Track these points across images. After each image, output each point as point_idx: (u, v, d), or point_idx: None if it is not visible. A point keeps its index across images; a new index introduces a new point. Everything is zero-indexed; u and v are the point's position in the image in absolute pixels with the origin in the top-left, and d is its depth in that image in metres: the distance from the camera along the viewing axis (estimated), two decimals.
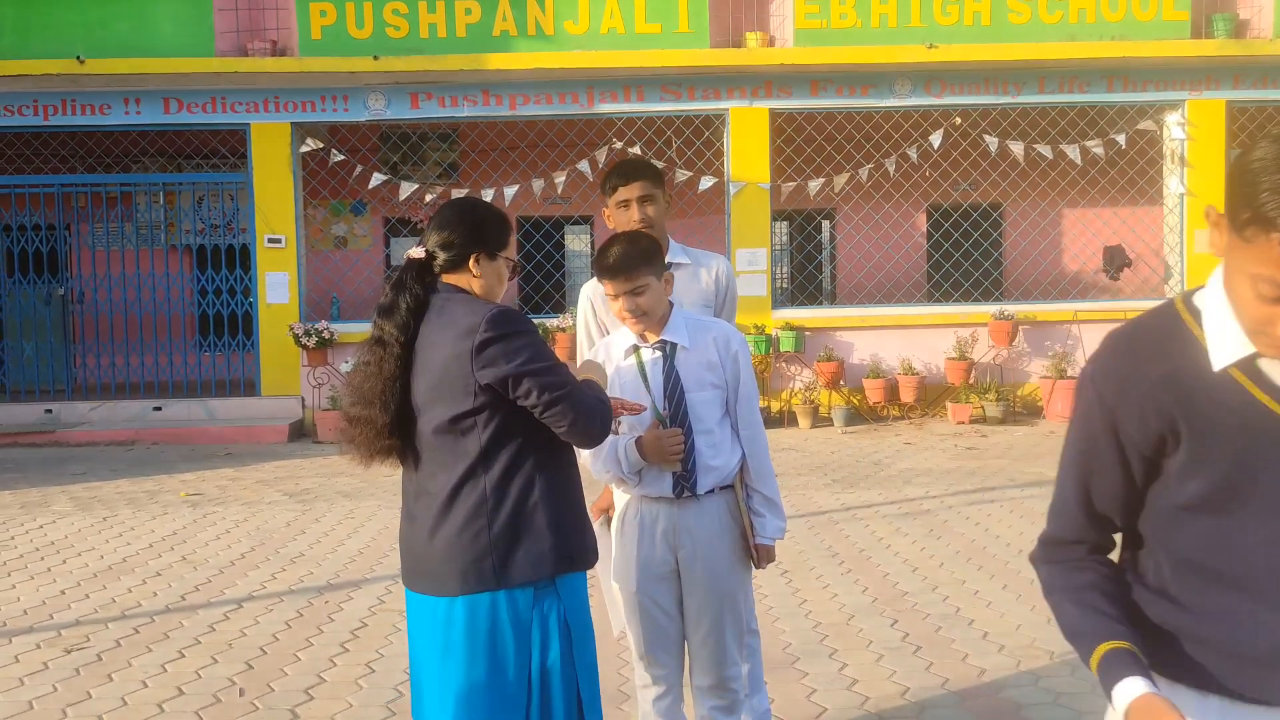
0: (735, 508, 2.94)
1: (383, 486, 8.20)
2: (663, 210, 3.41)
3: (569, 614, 2.47)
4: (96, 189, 11.84)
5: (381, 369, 2.43)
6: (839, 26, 11.01)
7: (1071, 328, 11.52)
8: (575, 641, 2.47)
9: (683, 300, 3.43)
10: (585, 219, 13.85)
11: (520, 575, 2.40)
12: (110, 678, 4.33)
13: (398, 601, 5.29)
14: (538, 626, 2.42)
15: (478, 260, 2.53)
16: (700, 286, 3.48)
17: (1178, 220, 11.72)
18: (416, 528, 2.49)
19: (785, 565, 5.79)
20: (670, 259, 3.42)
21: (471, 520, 2.39)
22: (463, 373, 2.38)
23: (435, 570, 2.43)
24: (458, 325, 2.41)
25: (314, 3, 10.86)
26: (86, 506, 7.74)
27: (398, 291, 2.47)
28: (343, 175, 11.90)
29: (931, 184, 12.83)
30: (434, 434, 2.44)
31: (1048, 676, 4.14)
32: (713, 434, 2.88)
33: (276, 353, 11.30)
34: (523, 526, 2.41)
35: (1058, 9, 11.09)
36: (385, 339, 2.45)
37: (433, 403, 2.43)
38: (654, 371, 2.88)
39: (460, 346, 2.38)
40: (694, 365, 2.88)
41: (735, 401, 2.94)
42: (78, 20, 10.83)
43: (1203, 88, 11.42)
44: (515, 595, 2.40)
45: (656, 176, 3.43)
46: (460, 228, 2.53)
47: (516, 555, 2.39)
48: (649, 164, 3.58)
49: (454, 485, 2.41)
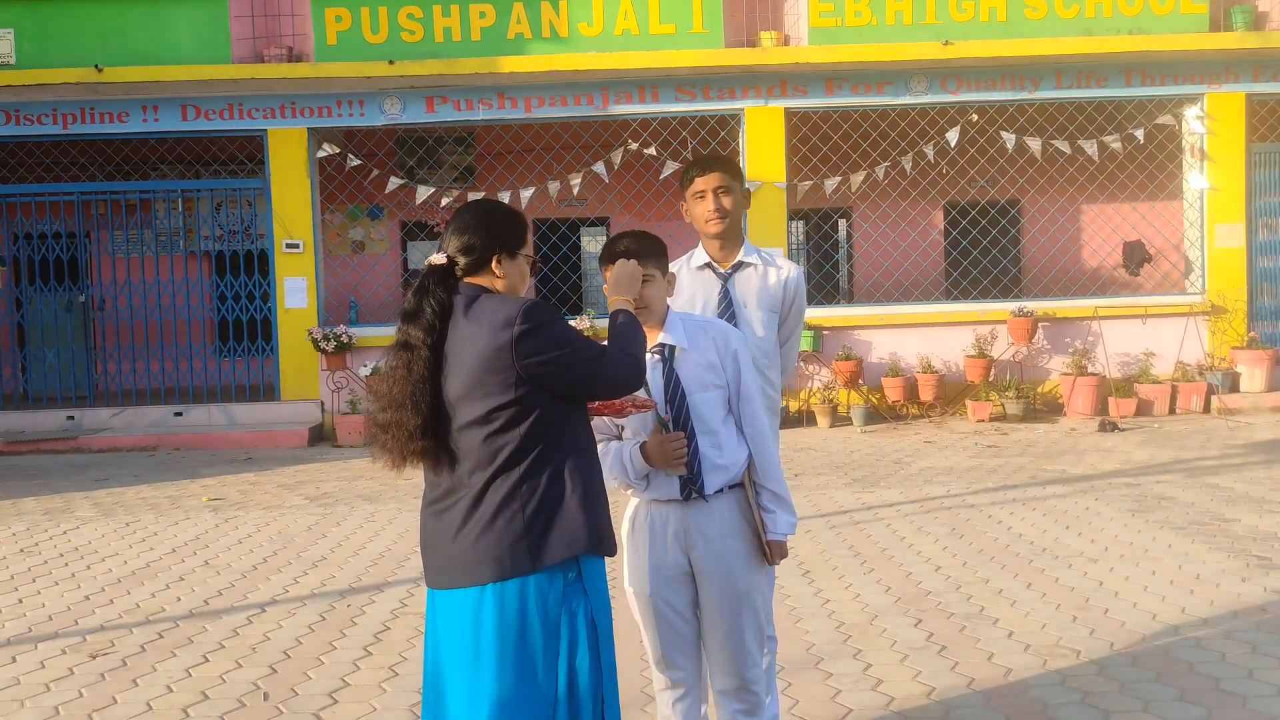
0: (746, 506, 2.92)
1: (403, 490, 8.21)
2: (740, 203, 3.35)
3: (595, 612, 2.50)
4: (116, 196, 11.93)
5: (410, 371, 2.45)
6: (854, 24, 10.98)
7: (1092, 324, 11.44)
8: (601, 641, 2.50)
9: (745, 301, 3.40)
10: (601, 220, 13.85)
11: (555, 554, 2.43)
12: (135, 683, 4.35)
13: (420, 605, 5.30)
14: (566, 624, 2.44)
15: (499, 261, 2.57)
16: (768, 288, 3.39)
17: (1198, 215, 11.63)
18: (444, 525, 2.49)
19: (807, 565, 5.77)
20: (741, 258, 3.39)
21: (505, 506, 2.42)
22: (503, 365, 2.41)
23: (466, 560, 2.44)
24: (493, 320, 2.43)
25: (329, 8, 10.91)
26: (109, 512, 7.78)
27: (421, 296, 2.49)
28: (359, 180, 11.95)
29: (949, 181, 12.77)
30: (469, 429, 2.45)
31: (1074, 676, 4.10)
32: (717, 434, 2.87)
33: (295, 357, 11.35)
34: (556, 507, 2.45)
35: (1074, 4, 11.02)
36: (412, 343, 2.46)
37: (467, 399, 2.44)
38: (653, 375, 2.86)
39: (500, 339, 2.41)
40: (694, 366, 2.87)
41: (737, 400, 2.93)
42: (96, 30, 10.92)
43: (1222, 81, 11.33)
44: (544, 584, 2.42)
45: (733, 169, 3.37)
46: (480, 231, 2.56)
47: (551, 535, 2.43)
48: (727, 157, 3.54)
49: (489, 478, 2.43)
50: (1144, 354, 11.31)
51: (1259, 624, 4.61)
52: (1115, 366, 11.38)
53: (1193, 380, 11.11)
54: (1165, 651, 4.33)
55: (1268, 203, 11.64)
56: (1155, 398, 10.95)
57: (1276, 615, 4.72)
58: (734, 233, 3.40)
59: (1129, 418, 10.71)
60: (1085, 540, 6.12)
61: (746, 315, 3.36)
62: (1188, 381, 11.09)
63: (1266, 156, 11.64)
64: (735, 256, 3.40)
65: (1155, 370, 11.26)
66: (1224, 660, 4.20)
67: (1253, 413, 10.82)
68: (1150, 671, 4.12)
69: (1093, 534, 6.25)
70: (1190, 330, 11.44)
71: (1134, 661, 4.23)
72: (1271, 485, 7.41)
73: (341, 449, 10.55)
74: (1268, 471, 7.90)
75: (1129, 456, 8.73)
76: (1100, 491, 7.41)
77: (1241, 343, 11.33)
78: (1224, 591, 5.08)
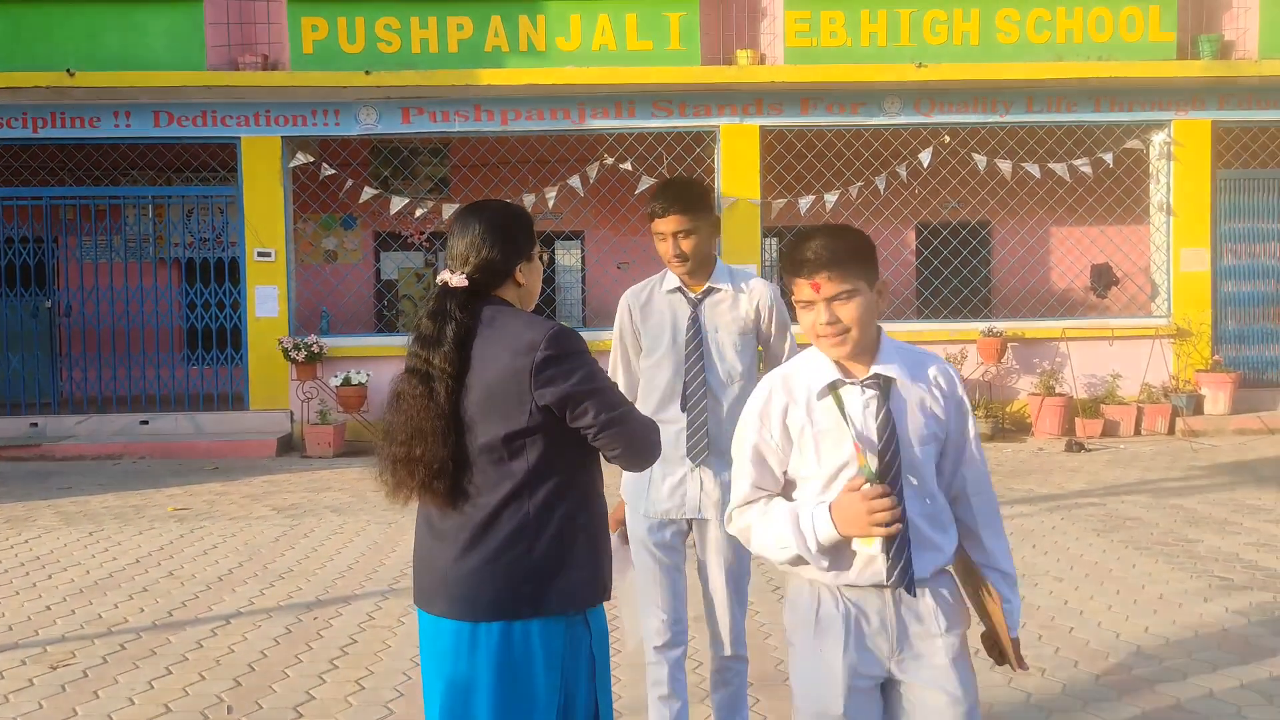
0: (959, 596, 2.33)
1: (372, 502, 8.16)
2: (707, 237, 3.16)
3: (594, 644, 2.42)
4: (85, 201, 11.81)
5: (432, 403, 2.29)
6: (829, 45, 11.09)
7: (1060, 345, 11.57)
8: (598, 674, 2.43)
9: (716, 326, 3.22)
10: (576, 234, 13.86)
11: (558, 605, 2.31)
12: (97, 695, 4.29)
13: (387, 618, 5.26)
14: (568, 659, 2.35)
15: (521, 269, 2.45)
16: (739, 314, 3.25)
17: (1164, 239, 11.81)
18: (444, 547, 2.34)
19: (777, 582, 5.78)
20: (712, 283, 3.24)
21: (512, 543, 2.28)
22: (520, 390, 2.27)
23: (465, 593, 2.30)
24: (515, 342, 2.30)
25: (306, 17, 10.88)
26: (73, 521, 7.68)
27: (441, 321, 2.31)
28: (333, 189, 11.90)
29: (921, 201, 12.89)
30: (481, 452, 2.30)
31: (1039, 693, 4.15)
32: (936, 499, 2.26)
33: (265, 366, 11.26)
34: (565, 554, 2.31)
35: (1045, 30, 11.19)
36: (433, 372, 2.30)
37: (483, 420, 2.30)
38: (863, 417, 2.20)
39: (520, 363, 2.27)
40: (915, 409, 2.23)
41: (959, 461, 2.29)
42: (68, 33, 10.82)
43: (1189, 108, 11.53)
44: (550, 625, 2.31)
45: (696, 205, 3.13)
46: (499, 244, 2.39)
47: (556, 583, 2.30)
48: (689, 189, 3.15)
49: (496, 506, 2.29)
50: (1111, 375, 11.45)
51: (1220, 644, 4.67)
52: (1082, 387, 11.51)
53: (1158, 402, 11.27)
54: (1128, 670, 4.38)
55: (1232, 228, 11.84)
56: (1121, 419, 11.09)
57: (1238, 635, 4.79)
58: (702, 263, 3.25)
59: (1095, 438, 10.83)
60: (1051, 559, 6.17)
61: (717, 339, 3.24)
62: (1153, 403, 11.24)
63: (1231, 183, 11.85)
64: (705, 282, 3.28)
65: (1121, 392, 11.40)
66: (1186, 680, 4.25)
67: (1216, 435, 10.97)
68: (1113, 690, 4.17)
69: (1059, 553, 6.31)
70: (1156, 353, 11.60)
71: (1097, 680, 4.28)
72: (1234, 507, 7.52)
73: (310, 459, 10.47)
74: (1230, 493, 8.01)
75: (1095, 476, 8.83)
76: (1067, 511, 7.48)
77: (1206, 366, 11.50)
78: (1187, 611, 5.15)
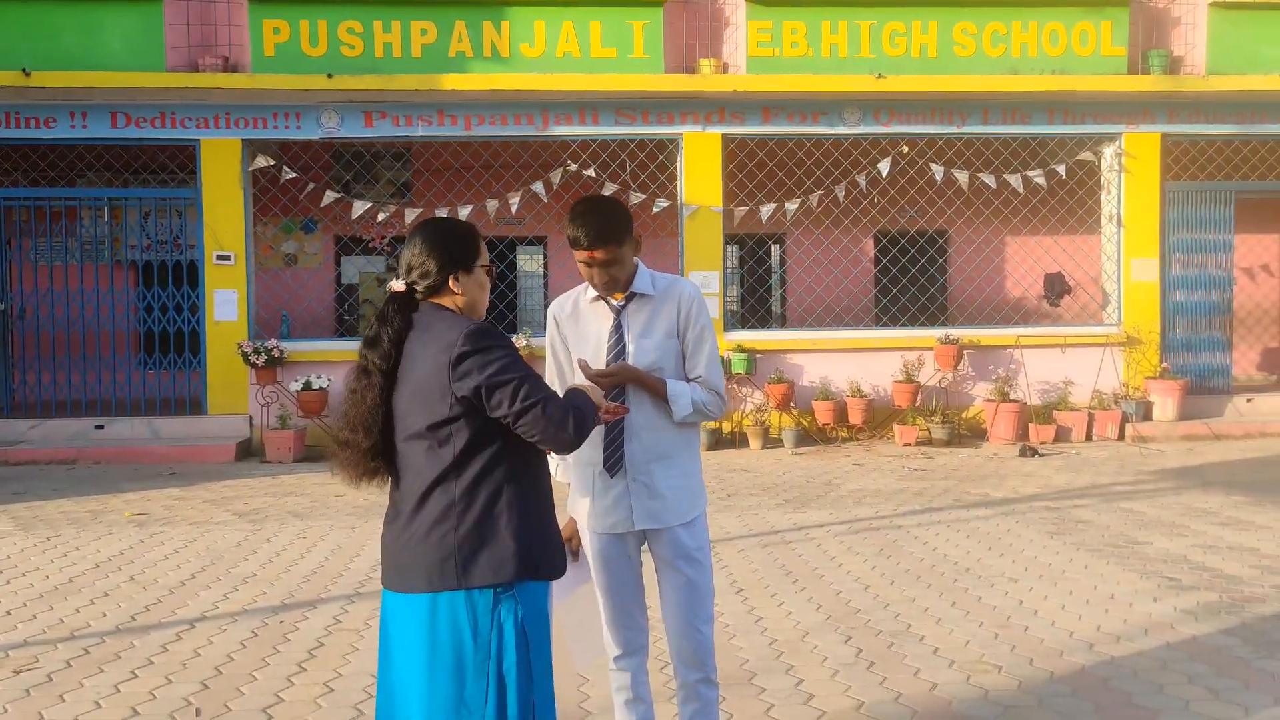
0: None
1: (334, 507, 8.14)
2: (628, 255, 3.13)
3: (526, 620, 2.56)
4: (40, 203, 11.65)
5: (365, 397, 2.61)
6: (790, 55, 11.24)
7: (1014, 352, 11.80)
8: (532, 648, 2.56)
9: (640, 331, 3.20)
10: (539, 240, 13.90)
11: (481, 578, 2.52)
12: (62, 698, 4.26)
13: (354, 621, 5.28)
14: (495, 630, 2.53)
15: (456, 279, 2.68)
16: (660, 316, 3.21)
17: (1115, 249, 12.09)
18: (394, 529, 2.65)
19: (741, 584, 5.87)
20: (635, 289, 3.20)
21: (439, 523, 2.54)
22: (441, 384, 2.52)
23: (405, 567, 2.58)
24: (439, 341, 2.56)
25: (267, 19, 10.83)
26: (28, 526, 7.58)
27: (381, 324, 2.64)
28: (294, 193, 11.83)
29: (879, 210, 13.09)
30: (411, 440, 2.58)
31: (996, 690, 4.26)
32: None
33: (224, 371, 11.16)
34: (487, 531, 2.54)
35: (1001, 43, 11.43)
36: (369, 368, 2.63)
37: (411, 412, 2.58)
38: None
39: (440, 360, 2.53)
40: None
41: None
42: (23, 32, 10.68)
43: (1139, 121, 11.83)
44: (475, 597, 2.52)
45: (613, 233, 3.05)
46: (433, 254, 2.65)
47: (479, 558, 2.53)
48: (610, 221, 3.07)
49: (425, 489, 2.56)
50: (1063, 382, 11.70)
51: (1169, 642, 4.83)
52: (1036, 394, 11.74)
53: (1109, 408, 11.53)
54: (1081, 668, 4.51)
55: (1180, 239, 12.15)
56: (1073, 425, 11.33)
57: (1186, 634, 4.95)
58: (625, 277, 3.19)
59: (1048, 443, 11.06)
60: (1007, 561, 6.32)
61: (642, 344, 3.18)
62: (1104, 409, 11.50)
63: (1179, 195, 12.16)
64: (629, 289, 3.21)
65: (1073, 398, 11.65)
66: (1136, 676, 4.39)
67: (1164, 440, 11.25)
68: (1067, 687, 4.29)
69: (1014, 555, 6.46)
70: (1107, 360, 11.86)
71: (1052, 677, 4.40)
72: (1181, 510, 7.73)
73: (270, 464, 10.39)
74: (1177, 497, 8.24)
75: (1048, 481, 9.02)
76: (1021, 514, 7.65)
77: (1154, 373, 11.79)
78: (1137, 611, 5.30)
